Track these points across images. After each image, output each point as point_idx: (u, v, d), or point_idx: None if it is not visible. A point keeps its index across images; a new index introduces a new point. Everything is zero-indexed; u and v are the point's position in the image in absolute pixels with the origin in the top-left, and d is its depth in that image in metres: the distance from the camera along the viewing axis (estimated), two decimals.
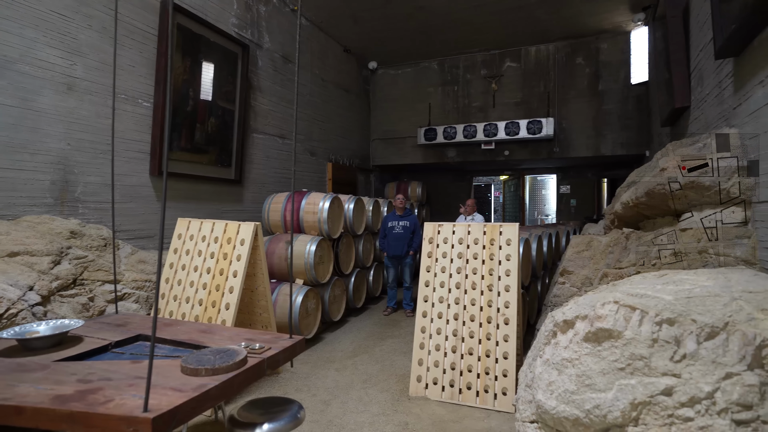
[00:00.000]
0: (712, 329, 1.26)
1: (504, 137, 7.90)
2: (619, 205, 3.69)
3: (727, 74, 2.89)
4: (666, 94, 4.86)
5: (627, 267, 3.12)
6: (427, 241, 3.40)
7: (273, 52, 6.29)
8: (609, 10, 7.06)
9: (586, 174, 9.65)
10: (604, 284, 3.31)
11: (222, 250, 3.17)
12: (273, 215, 4.96)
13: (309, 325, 4.37)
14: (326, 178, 7.74)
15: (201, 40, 4.85)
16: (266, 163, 6.18)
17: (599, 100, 7.71)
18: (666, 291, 1.44)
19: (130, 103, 4.21)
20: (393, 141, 9.33)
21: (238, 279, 3.03)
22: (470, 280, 3.17)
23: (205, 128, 5.00)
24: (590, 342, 1.44)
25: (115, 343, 1.86)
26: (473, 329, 3.06)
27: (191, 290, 3.14)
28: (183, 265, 3.25)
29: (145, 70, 4.35)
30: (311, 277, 4.42)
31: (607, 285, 1.80)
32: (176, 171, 4.64)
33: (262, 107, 6.08)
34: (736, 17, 2.50)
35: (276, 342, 1.79)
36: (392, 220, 5.68)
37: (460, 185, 10.75)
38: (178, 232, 3.40)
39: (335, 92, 8.06)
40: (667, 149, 3.65)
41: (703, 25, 3.54)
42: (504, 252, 3.16)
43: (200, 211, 5.00)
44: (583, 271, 3.43)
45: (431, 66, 8.96)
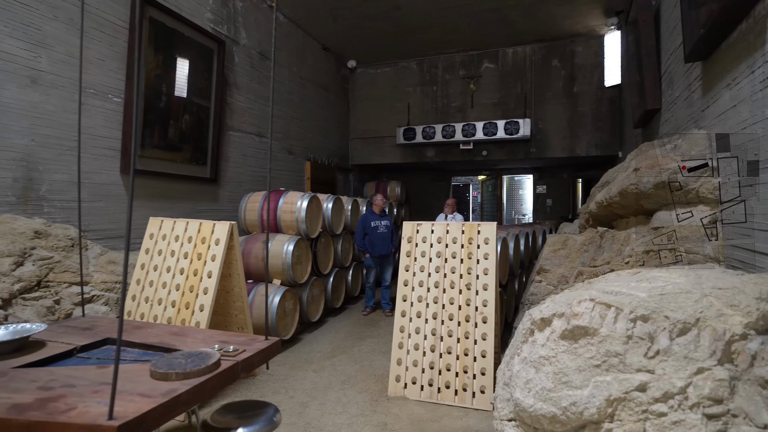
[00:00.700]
0: (684, 325, 1.28)
1: (482, 137, 7.98)
2: (594, 205, 3.77)
3: (696, 77, 2.98)
4: (638, 97, 4.99)
5: (602, 265, 3.18)
6: (406, 240, 3.39)
7: (250, 48, 6.17)
8: (583, 14, 7.21)
9: (562, 174, 9.85)
10: (579, 282, 3.37)
11: (196, 251, 3.08)
12: (250, 214, 4.87)
13: (287, 326, 4.30)
14: (305, 177, 7.66)
15: (175, 34, 4.72)
16: (243, 161, 6.06)
17: (574, 101, 7.87)
18: (640, 288, 1.47)
19: (99, 98, 4.06)
20: (372, 140, 9.31)
21: (213, 280, 2.95)
22: (449, 279, 3.18)
23: (179, 125, 4.87)
24: (567, 339, 1.45)
25: (80, 347, 1.78)
26: (452, 328, 3.07)
27: (163, 292, 3.04)
28: (155, 265, 3.15)
29: (115, 65, 4.20)
30: (289, 278, 4.36)
31: (583, 283, 1.82)
32: (148, 169, 4.50)
33: (238, 104, 5.97)
34: (704, 23, 2.57)
35: (251, 344, 1.74)
36: (374, 220, 5.67)
37: (439, 185, 10.82)
38: (149, 232, 3.29)
39: (314, 90, 7.98)
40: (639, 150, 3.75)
41: (673, 30, 3.64)
42: (482, 251, 3.18)
43: (174, 210, 4.87)
44: (560, 269, 3.48)
45: (410, 66, 8.98)
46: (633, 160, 3.53)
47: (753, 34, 2.03)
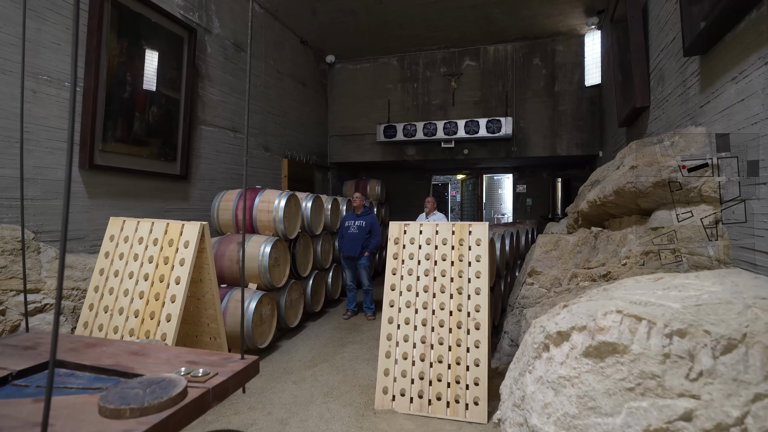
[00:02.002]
0: (729, 342, 1.12)
1: (464, 136, 7.86)
2: (585, 204, 3.66)
3: (693, 72, 2.88)
4: (622, 95, 4.94)
5: (597, 267, 3.06)
6: (393, 241, 3.18)
7: (224, 39, 5.84)
8: (564, 12, 7.18)
9: (541, 174, 9.85)
10: (573, 284, 3.25)
11: (162, 254, 2.79)
12: (223, 214, 4.57)
13: (263, 334, 4.03)
14: (282, 174, 7.35)
15: (141, 19, 4.37)
16: (216, 157, 5.73)
17: (555, 101, 7.84)
18: (670, 298, 1.30)
19: (54, 86, 3.69)
20: (352, 138, 9.07)
21: (181, 286, 2.67)
22: (439, 283, 2.99)
23: (145, 118, 4.52)
24: (591, 357, 1.27)
25: (17, 372, 1.49)
26: (442, 335, 2.88)
27: (125, 300, 2.73)
28: (116, 271, 2.84)
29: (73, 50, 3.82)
30: (266, 281, 4.09)
31: (598, 290, 1.65)
32: (111, 164, 4.15)
33: (211, 98, 5.63)
34: (706, 14, 2.47)
35: (225, 365, 1.49)
36: (349, 220, 5.42)
37: (420, 184, 10.66)
38: (110, 234, 2.97)
39: (291, 85, 7.68)
40: (630, 148, 3.65)
41: (664, 26, 3.56)
42: (473, 253, 3.01)
43: (140, 209, 4.52)
44: (552, 271, 3.34)
45: (391, 62, 8.78)
46: (626, 158, 3.43)
47: (767, 23, 1.91)
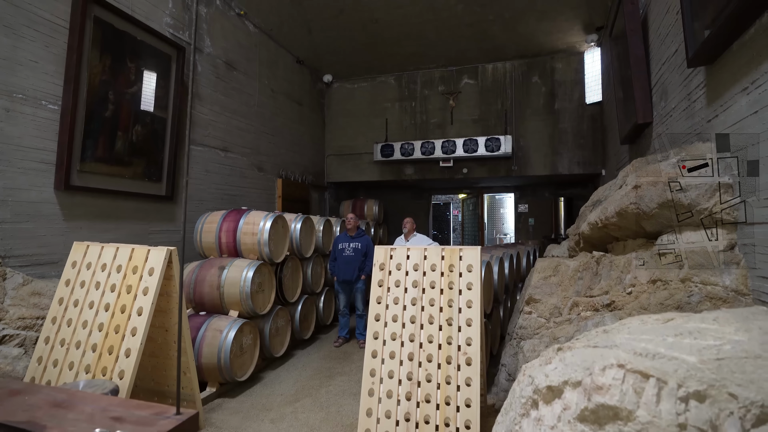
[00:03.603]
0: (762, 410, 0.88)
1: (462, 154, 7.69)
2: (586, 226, 3.42)
3: (698, 85, 2.68)
4: (624, 112, 4.75)
5: (599, 295, 2.81)
6: (378, 267, 2.95)
7: (215, 57, 5.75)
8: (563, 30, 7.08)
9: (543, 193, 9.62)
10: (574, 314, 2.99)
11: (126, 282, 2.57)
12: (206, 236, 4.37)
13: (244, 365, 3.77)
14: (276, 195, 7.18)
15: (125, 37, 4.27)
16: (205, 177, 5.57)
17: (555, 118, 7.68)
18: (684, 348, 1.06)
19: (30, 105, 3.56)
20: (349, 157, 8.92)
21: (144, 318, 2.44)
22: (427, 313, 2.75)
23: (128, 137, 4.37)
24: (588, 423, 1.03)
25: None
26: (431, 372, 2.62)
27: (83, 333, 2.51)
28: (76, 300, 2.62)
29: (52, 68, 3.72)
30: (247, 308, 3.85)
31: (597, 331, 1.41)
32: (89, 185, 3.98)
33: (201, 116, 5.50)
34: (710, 22, 2.29)
35: (153, 423, 1.26)
36: (342, 242, 5.19)
37: (419, 203, 10.45)
38: (72, 260, 2.76)
39: (286, 104, 7.57)
40: (632, 166, 3.43)
41: (665, 38, 3.39)
42: (465, 280, 2.77)
43: (121, 231, 4.33)
44: (551, 299, 3.09)
45: (388, 81, 8.70)
46: (629, 177, 3.21)
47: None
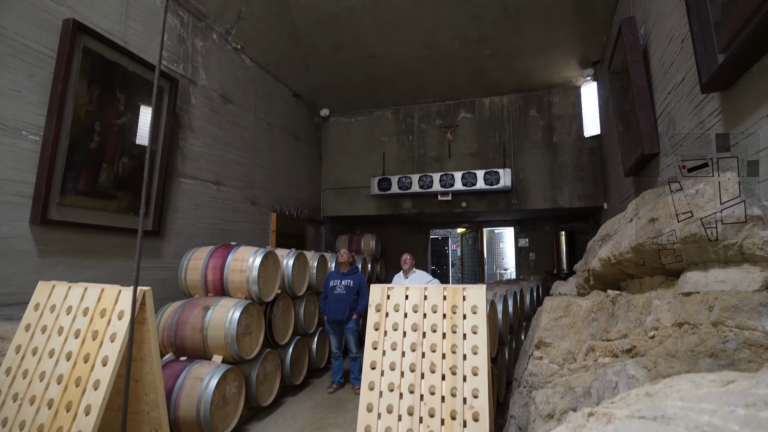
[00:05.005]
0: None
1: (461, 188, 7.55)
2: (597, 262, 3.19)
3: (713, 112, 2.54)
4: (626, 144, 4.63)
5: (617, 339, 2.54)
6: (374, 308, 2.69)
7: (210, 90, 5.68)
8: (559, 64, 7.11)
9: (544, 227, 9.43)
10: (590, 360, 2.71)
11: (92, 327, 2.31)
12: (191, 274, 4.10)
13: (227, 417, 3.42)
14: (270, 230, 6.96)
15: (116, 68, 4.17)
16: (195, 212, 5.36)
17: (554, 151, 7.60)
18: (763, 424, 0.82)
19: (8, 135, 3.41)
20: (346, 191, 8.78)
21: (109, 368, 2.16)
22: (428, 360, 2.47)
23: (114, 169, 4.19)
24: None
25: None
26: (433, 429, 2.32)
27: (40, 386, 2.22)
28: (35, 348, 2.34)
29: (35, 98, 3.59)
30: (233, 353, 3.54)
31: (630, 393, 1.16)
32: (69, 219, 3.77)
33: (193, 149, 5.36)
34: (725, 46, 2.16)
35: None
36: (334, 279, 4.91)
37: (417, 238, 10.23)
38: (35, 302, 2.50)
39: (282, 138, 7.48)
40: (642, 198, 3.25)
41: (670, 67, 3.29)
42: (469, 322, 2.51)
43: (102, 269, 4.08)
44: (564, 342, 2.82)
45: (385, 115, 8.68)
46: (641, 210, 3.01)
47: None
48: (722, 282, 2.10)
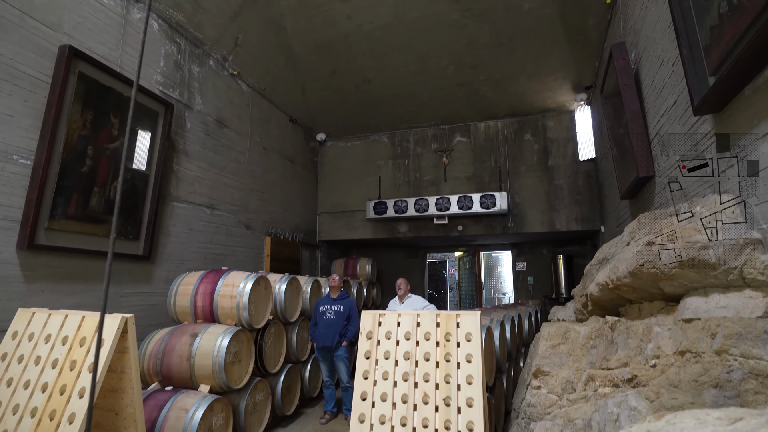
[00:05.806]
0: None
1: (457, 212, 7.52)
2: (595, 287, 3.12)
3: (706, 134, 2.53)
4: (621, 168, 4.63)
5: (618, 367, 2.45)
6: (365, 336, 2.61)
7: (206, 115, 5.71)
8: (553, 89, 7.20)
9: (541, 250, 9.36)
10: (590, 390, 2.60)
11: (70, 356, 2.21)
12: (181, 300, 4.01)
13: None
14: (264, 254, 6.87)
15: (111, 93, 4.18)
16: (188, 236, 5.29)
17: (550, 175, 7.61)
18: None
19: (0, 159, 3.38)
20: (342, 215, 8.74)
21: (84, 401, 2.06)
22: (421, 391, 2.37)
23: (105, 193, 4.15)
24: None
25: None
26: None
27: (12, 419, 2.10)
28: (9, 379, 2.24)
29: (28, 122, 3.58)
30: (221, 382, 3.41)
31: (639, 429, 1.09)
32: (57, 244, 3.70)
33: (187, 173, 5.34)
34: (715, 69, 2.16)
35: None
36: (324, 304, 4.78)
37: (414, 262, 10.13)
38: (13, 329, 2.41)
39: (278, 162, 7.49)
40: (638, 222, 3.22)
41: (661, 90, 3.31)
42: (463, 351, 2.42)
43: (90, 294, 3.98)
44: (562, 371, 2.72)
45: (381, 139, 8.73)
46: (638, 233, 2.97)
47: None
48: (724, 308, 2.03)
